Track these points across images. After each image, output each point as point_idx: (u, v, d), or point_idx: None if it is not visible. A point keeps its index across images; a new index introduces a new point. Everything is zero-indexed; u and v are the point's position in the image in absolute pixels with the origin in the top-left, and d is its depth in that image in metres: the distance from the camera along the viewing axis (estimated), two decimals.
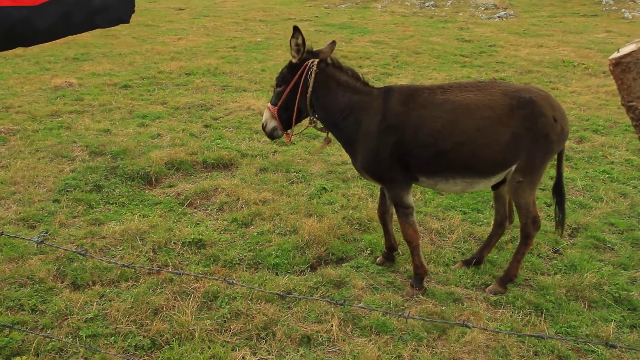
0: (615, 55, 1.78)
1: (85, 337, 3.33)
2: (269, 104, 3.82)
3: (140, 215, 4.87)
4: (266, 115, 3.84)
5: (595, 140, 6.94)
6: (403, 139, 3.55)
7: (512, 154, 3.54)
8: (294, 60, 3.71)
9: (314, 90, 3.68)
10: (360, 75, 3.82)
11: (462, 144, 3.49)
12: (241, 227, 4.74)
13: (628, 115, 1.84)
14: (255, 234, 4.61)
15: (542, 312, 3.70)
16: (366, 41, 12.92)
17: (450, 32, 14.49)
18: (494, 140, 3.49)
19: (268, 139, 3.99)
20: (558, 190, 4.01)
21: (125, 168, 5.70)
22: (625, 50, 1.76)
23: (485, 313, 3.67)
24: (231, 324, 3.47)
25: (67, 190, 5.27)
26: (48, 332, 3.36)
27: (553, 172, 5.92)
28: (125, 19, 2.04)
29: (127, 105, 7.94)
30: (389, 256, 4.28)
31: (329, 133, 3.93)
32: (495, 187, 3.98)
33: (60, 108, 7.73)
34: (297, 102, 3.71)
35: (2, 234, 2.48)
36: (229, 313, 3.55)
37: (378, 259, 4.26)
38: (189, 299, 3.69)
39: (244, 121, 7.29)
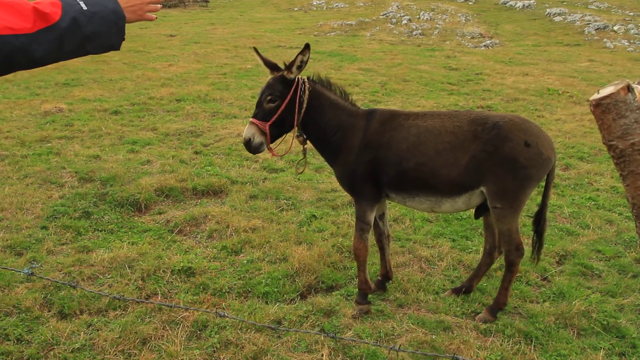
0: (596, 96, 1.85)
1: None
2: (253, 119, 3.76)
3: (129, 242, 4.85)
4: (251, 129, 3.74)
5: (581, 167, 7.06)
6: (377, 157, 3.78)
7: (472, 176, 3.66)
8: (292, 76, 3.75)
9: (307, 106, 3.80)
10: (348, 96, 4.02)
11: (423, 164, 3.70)
12: (231, 255, 4.73)
13: (609, 153, 1.90)
14: (245, 262, 4.59)
15: (531, 341, 3.71)
16: (355, 69, 13.11)
17: (437, 60, 14.76)
18: (452, 162, 3.66)
19: (250, 153, 3.95)
20: (538, 219, 3.98)
21: (115, 194, 5.68)
22: (605, 92, 1.83)
23: (475, 342, 3.67)
24: (221, 354, 3.44)
25: (56, 217, 5.24)
26: None
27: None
28: (116, 46, 2.07)
29: (117, 131, 7.95)
30: (382, 285, 4.28)
31: (305, 145, 4.01)
32: (481, 214, 4.04)
33: (49, 133, 7.72)
34: (291, 116, 3.78)
35: None
36: (219, 343, 3.52)
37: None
38: (178, 328, 3.66)
39: (234, 148, 7.32)
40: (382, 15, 23.37)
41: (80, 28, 1.89)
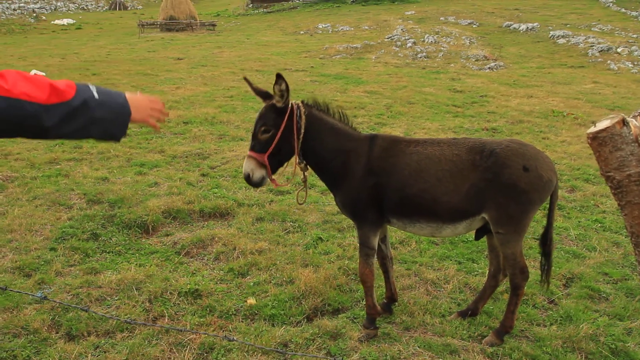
0: (593, 129, 1.90)
1: None
2: (250, 152, 3.69)
3: (136, 264, 4.88)
4: (250, 164, 3.67)
5: (587, 189, 7.07)
6: (380, 182, 3.79)
7: (474, 204, 3.69)
8: (280, 105, 3.66)
9: (304, 132, 3.74)
10: (349, 119, 4.00)
11: (424, 190, 3.72)
12: (237, 277, 4.75)
13: (607, 184, 1.94)
14: (252, 284, 4.61)
15: None
16: (360, 91, 13.23)
17: (442, 83, 14.88)
18: (453, 190, 3.69)
19: (253, 187, 3.96)
20: (544, 241, 3.98)
21: (123, 216, 5.73)
22: (601, 125, 1.88)
23: None
24: None
25: (64, 239, 5.29)
26: None
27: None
28: (117, 137, 2.23)
29: (125, 154, 8.05)
30: (388, 307, 4.29)
31: (306, 175, 3.96)
32: (481, 236, 4.07)
33: (58, 155, 7.82)
34: (289, 144, 3.73)
35: (5, 289, 2.50)
36: None
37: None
38: (185, 350, 3.67)
39: (240, 170, 7.36)
40: (387, 38, 23.64)
41: (89, 110, 2.04)
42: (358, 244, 4.00)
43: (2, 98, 1.85)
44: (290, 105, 3.70)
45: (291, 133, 3.70)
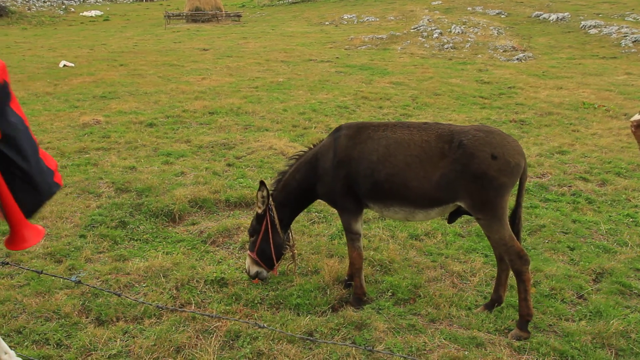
0: (637, 117, 1.85)
1: None
2: (248, 252, 4.34)
3: (163, 252, 4.95)
4: (247, 261, 4.35)
5: (618, 183, 6.90)
6: (350, 171, 3.96)
7: (446, 192, 3.78)
8: (259, 211, 4.23)
9: (279, 216, 4.25)
10: (298, 152, 4.41)
11: (393, 175, 3.83)
12: None
13: None
14: (277, 273, 4.63)
15: None
16: (386, 82, 13.13)
17: (469, 74, 14.67)
18: (423, 176, 3.78)
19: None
20: (513, 219, 3.95)
21: (150, 205, 5.81)
22: None
23: (508, 359, 3.61)
24: None
25: (93, 226, 5.39)
26: None
27: (565, 209, 5.89)
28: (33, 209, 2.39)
29: (152, 143, 8.14)
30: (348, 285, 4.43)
31: (294, 251, 4.49)
32: (455, 219, 4.17)
33: (87, 145, 7.95)
34: (271, 242, 4.25)
35: (41, 273, 2.55)
36: (251, 353, 3.56)
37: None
38: (212, 337, 3.71)
39: (265, 160, 7.41)
40: (413, 29, 23.39)
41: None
42: (344, 231, 4.25)
43: None
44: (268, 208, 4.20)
45: (273, 231, 4.24)
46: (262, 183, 4.13)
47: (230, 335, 3.76)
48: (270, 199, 4.24)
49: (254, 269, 4.32)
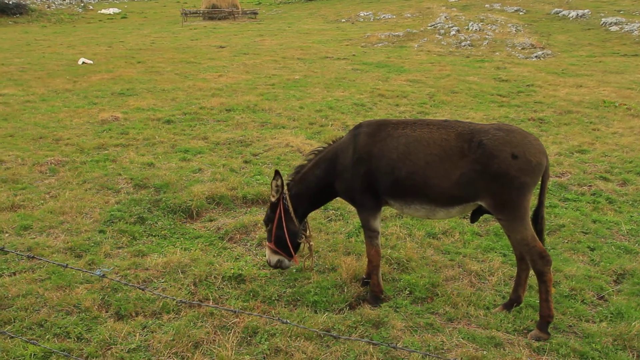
0: None
1: None
2: (267, 242, 4.35)
3: (181, 248, 4.98)
4: (267, 252, 4.34)
5: None
6: (370, 169, 3.96)
7: (466, 191, 3.76)
8: (273, 199, 4.25)
9: (294, 206, 4.25)
10: (317, 148, 4.42)
11: (414, 173, 3.83)
12: None
13: None
14: (294, 270, 4.64)
15: None
16: (403, 80, 13.06)
17: (487, 72, 14.54)
18: (443, 175, 3.77)
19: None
20: (535, 219, 3.92)
21: (168, 201, 5.85)
22: None
23: None
24: None
25: (112, 222, 5.44)
26: None
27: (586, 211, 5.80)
28: None
29: (169, 140, 8.20)
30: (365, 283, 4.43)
31: (310, 242, 4.50)
32: (477, 218, 4.15)
33: (106, 141, 8.03)
34: (284, 226, 4.23)
35: (66, 267, 2.59)
36: (269, 349, 3.57)
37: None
38: (229, 333, 3.73)
39: (282, 157, 7.42)
40: (430, 26, 23.23)
41: None
42: (362, 228, 4.23)
43: None
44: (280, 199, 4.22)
45: (287, 219, 4.24)
46: (277, 172, 4.19)
47: (248, 332, 3.77)
48: (285, 188, 4.26)
49: (274, 258, 4.30)
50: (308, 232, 4.49)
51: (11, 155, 7.33)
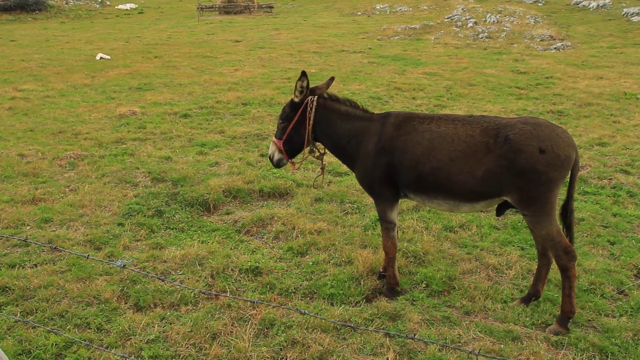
0: None
1: (148, 357, 3.44)
2: (274, 138, 4.30)
3: (199, 241, 5.03)
4: (272, 148, 4.34)
5: None
6: (392, 160, 3.93)
7: (491, 187, 3.71)
8: (296, 100, 4.15)
9: (316, 122, 4.14)
10: (359, 104, 4.25)
11: (438, 169, 3.78)
12: (297, 256, 4.81)
13: None
14: (311, 263, 4.66)
15: (607, 356, 3.55)
16: (419, 73, 12.97)
17: (504, 64, 14.37)
18: (468, 171, 3.71)
19: (274, 167, 4.50)
20: (564, 213, 3.87)
21: (185, 194, 5.90)
22: None
23: (546, 354, 3.55)
24: (287, 352, 3.51)
25: (131, 215, 5.51)
26: (113, 350, 3.48)
27: (601, 201, 5.72)
28: None
29: (186, 134, 8.26)
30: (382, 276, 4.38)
31: (323, 161, 4.42)
32: (503, 212, 4.07)
33: (124, 135, 8.12)
34: (299, 135, 4.18)
35: (88, 257, 2.63)
36: (285, 341, 3.59)
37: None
38: (246, 325, 3.76)
39: None
40: (447, 18, 23.01)
41: None
42: (379, 220, 4.20)
43: None
44: (305, 102, 4.11)
45: (302, 125, 4.15)
46: (303, 73, 4.07)
47: (264, 324, 3.80)
48: (315, 97, 4.12)
49: (278, 156, 4.31)
50: (323, 150, 4.38)
51: (32, 150, 7.45)
